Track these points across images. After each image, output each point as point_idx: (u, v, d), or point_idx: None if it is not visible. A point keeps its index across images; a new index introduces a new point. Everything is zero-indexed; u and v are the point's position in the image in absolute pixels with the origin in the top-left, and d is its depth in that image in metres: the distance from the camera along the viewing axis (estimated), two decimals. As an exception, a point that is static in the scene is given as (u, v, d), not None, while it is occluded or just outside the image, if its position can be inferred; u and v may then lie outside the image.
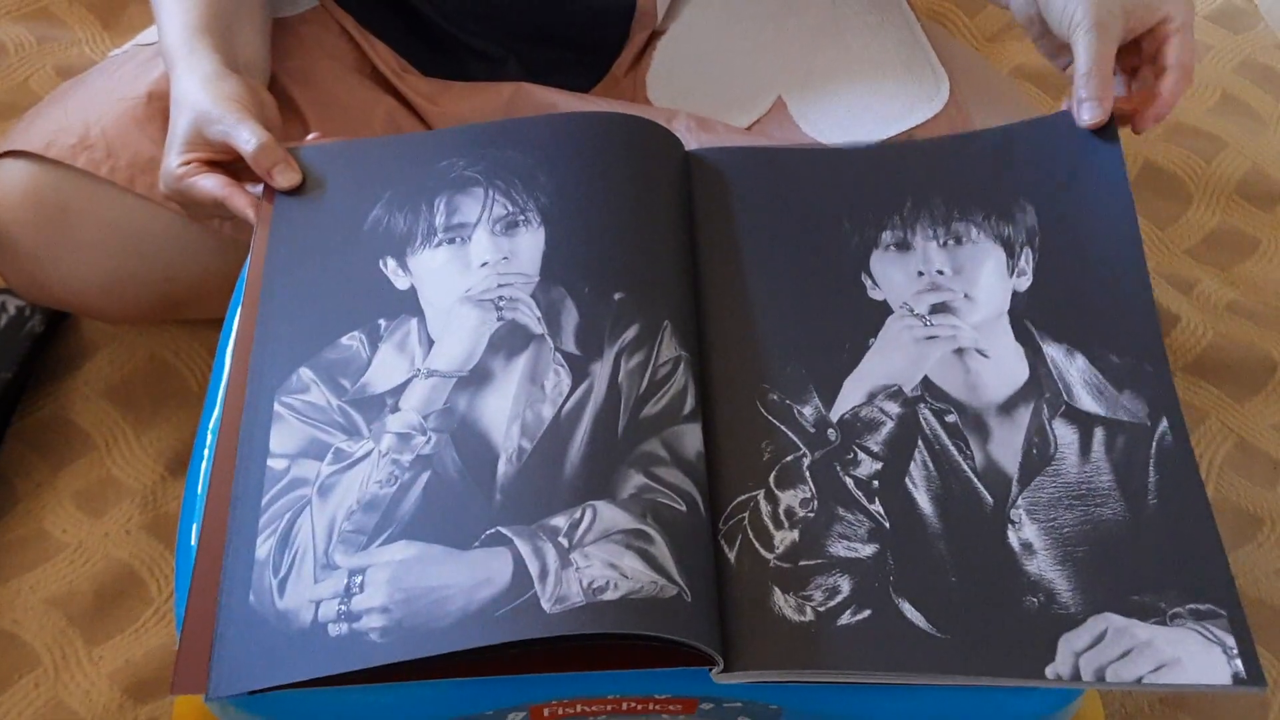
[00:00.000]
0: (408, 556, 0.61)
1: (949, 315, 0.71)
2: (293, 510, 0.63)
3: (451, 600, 0.59)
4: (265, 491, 0.64)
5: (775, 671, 0.59)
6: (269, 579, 0.61)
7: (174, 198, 0.80)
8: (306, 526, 0.63)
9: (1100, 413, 0.67)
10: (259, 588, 0.61)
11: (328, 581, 0.61)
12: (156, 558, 0.93)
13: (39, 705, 0.86)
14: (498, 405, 0.65)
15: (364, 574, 0.61)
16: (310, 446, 0.65)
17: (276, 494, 0.64)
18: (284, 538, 0.63)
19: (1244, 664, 0.60)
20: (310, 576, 0.61)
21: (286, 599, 0.61)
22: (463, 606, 0.58)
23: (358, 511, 0.63)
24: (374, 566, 0.61)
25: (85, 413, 1.00)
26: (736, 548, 0.63)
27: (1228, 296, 1.13)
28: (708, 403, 0.67)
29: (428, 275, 0.71)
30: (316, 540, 0.62)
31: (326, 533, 0.62)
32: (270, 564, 0.62)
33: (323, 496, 0.63)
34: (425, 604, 0.59)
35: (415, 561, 0.61)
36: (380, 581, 0.60)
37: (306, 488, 0.64)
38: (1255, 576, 0.96)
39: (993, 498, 0.64)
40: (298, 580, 0.61)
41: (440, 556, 0.61)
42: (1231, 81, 1.31)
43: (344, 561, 0.61)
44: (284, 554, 0.62)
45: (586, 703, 0.63)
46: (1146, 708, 0.89)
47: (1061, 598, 0.61)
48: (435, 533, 0.61)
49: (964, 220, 0.74)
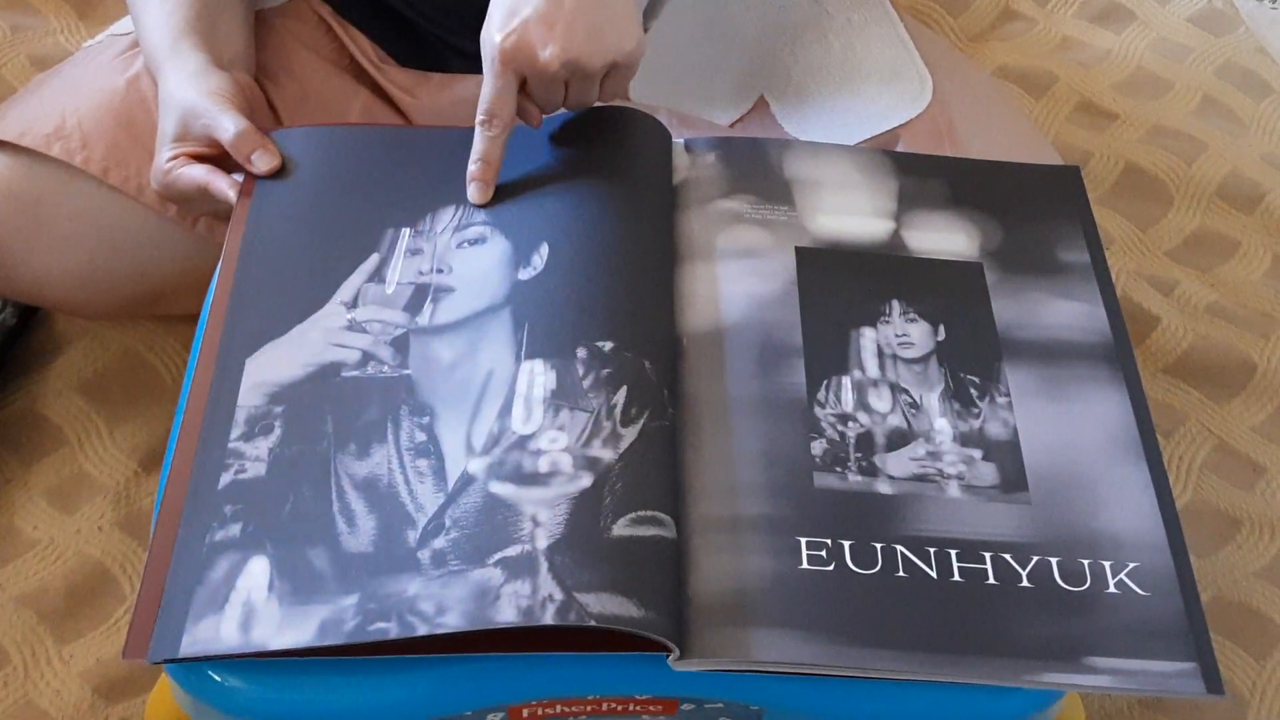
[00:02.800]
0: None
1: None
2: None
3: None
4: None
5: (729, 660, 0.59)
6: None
7: (163, 193, 0.81)
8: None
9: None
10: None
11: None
12: (129, 555, 0.92)
13: (8, 705, 0.85)
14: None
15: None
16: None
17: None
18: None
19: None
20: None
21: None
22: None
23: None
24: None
25: (57, 407, 0.99)
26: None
27: (1208, 298, 1.13)
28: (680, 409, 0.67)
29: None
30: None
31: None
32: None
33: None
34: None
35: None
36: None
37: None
38: (1234, 578, 0.96)
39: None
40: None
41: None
42: (1212, 84, 1.31)
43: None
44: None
45: (566, 703, 0.62)
46: (1125, 709, 0.89)
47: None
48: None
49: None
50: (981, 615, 0.61)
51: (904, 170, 0.80)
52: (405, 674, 0.60)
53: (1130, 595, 0.62)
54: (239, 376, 0.67)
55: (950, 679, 0.60)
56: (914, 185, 0.79)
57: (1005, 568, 0.63)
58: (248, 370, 0.67)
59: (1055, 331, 0.72)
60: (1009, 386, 0.69)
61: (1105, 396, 0.70)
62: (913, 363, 0.70)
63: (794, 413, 0.67)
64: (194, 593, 0.59)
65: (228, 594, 0.59)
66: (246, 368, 0.67)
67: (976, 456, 0.67)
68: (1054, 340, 0.72)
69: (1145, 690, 0.60)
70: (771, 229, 0.76)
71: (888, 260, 0.75)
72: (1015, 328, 0.72)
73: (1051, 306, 0.73)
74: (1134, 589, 0.63)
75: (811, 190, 0.78)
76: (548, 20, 0.71)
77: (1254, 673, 0.91)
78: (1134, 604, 0.62)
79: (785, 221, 0.76)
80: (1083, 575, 0.63)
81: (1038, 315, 0.73)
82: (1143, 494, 0.66)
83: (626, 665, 0.60)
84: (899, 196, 0.78)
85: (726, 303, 0.72)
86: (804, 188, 0.78)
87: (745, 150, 0.80)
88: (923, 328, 0.72)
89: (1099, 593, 0.62)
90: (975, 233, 0.77)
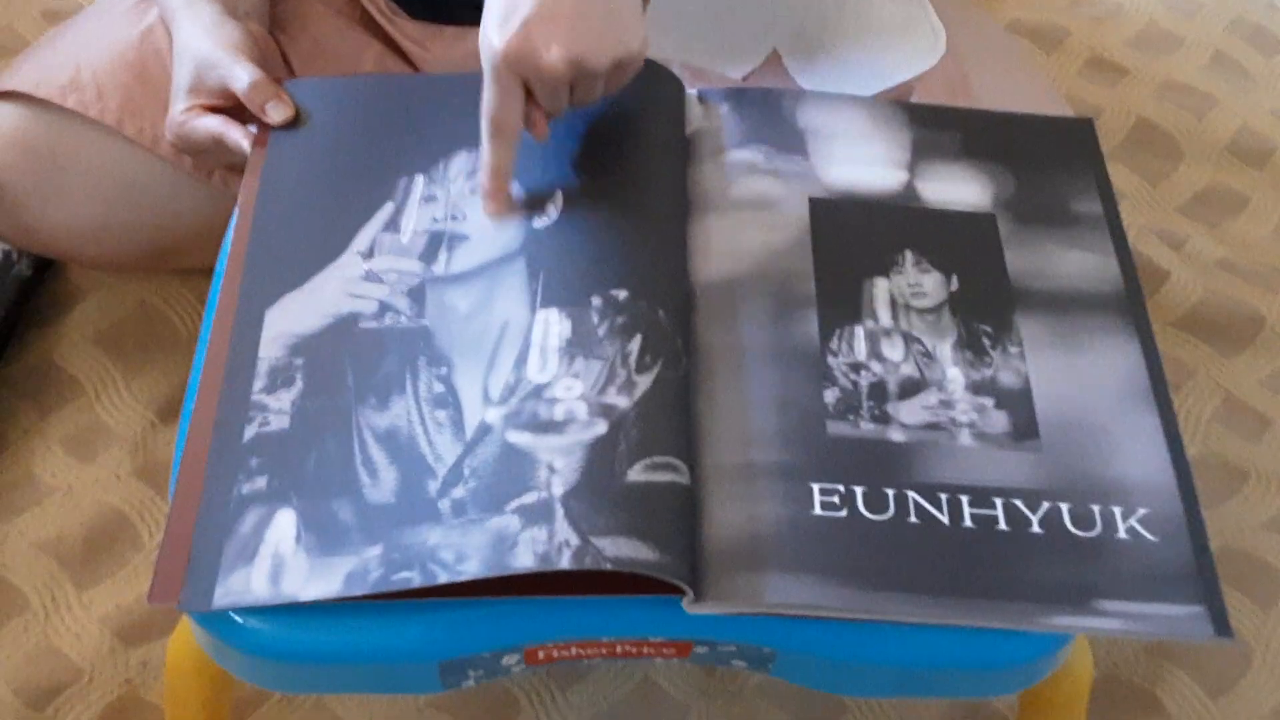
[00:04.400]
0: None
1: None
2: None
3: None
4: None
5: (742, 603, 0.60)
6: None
7: (177, 144, 0.81)
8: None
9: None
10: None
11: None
12: (147, 503, 0.93)
13: (29, 648, 0.86)
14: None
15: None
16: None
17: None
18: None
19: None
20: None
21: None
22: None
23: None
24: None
25: (74, 359, 1.00)
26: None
27: (1217, 253, 1.13)
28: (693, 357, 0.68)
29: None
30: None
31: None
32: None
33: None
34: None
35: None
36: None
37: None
38: (1240, 529, 0.97)
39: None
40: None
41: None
42: (1223, 40, 1.31)
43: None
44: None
45: (581, 645, 0.63)
46: (1133, 656, 0.90)
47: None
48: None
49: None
50: (992, 560, 0.62)
51: (917, 121, 0.80)
52: (424, 616, 0.61)
53: (1140, 540, 0.63)
54: (259, 328, 0.67)
55: (961, 622, 0.61)
56: (927, 136, 0.79)
57: (1016, 514, 0.63)
58: (267, 321, 0.68)
59: (1068, 282, 0.73)
60: (1021, 336, 0.70)
61: (1117, 346, 0.70)
62: (925, 312, 0.71)
63: (807, 361, 0.68)
64: (224, 545, 0.60)
65: (257, 546, 0.60)
66: (266, 319, 0.68)
67: (989, 405, 0.67)
68: (1066, 291, 0.72)
69: (1154, 633, 0.61)
70: (784, 179, 0.76)
71: (901, 211, 0.75)
72: (1028, 278, 0.72)
73: (1064, 257, 0.74)
74: (1144, 534, 0.63)
75: (825, 141, 0.78)
76: (550, 18, 0.67)
77: (1259, 621, 0.92)
78: (1143, 549, 0.63)
79: (798, 172, 0.76)
80: (1093, 520, 0.64)
81: (1050, 266, 0.73)
82: (1153, 441, 0.67)
83: (641, 608, 0.61)
84: (912, 147, 0.78)
85: (740, 253, 0.72)
86: (817, 138, 0.78)
87: (758, 101, 0.80)
88: (935, 278, 0.72)
89: (1109, 538, 0.63)
90: (988, 184, 0.77)
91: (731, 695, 0.87)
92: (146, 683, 0.85)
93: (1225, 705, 0.89)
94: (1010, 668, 0.64)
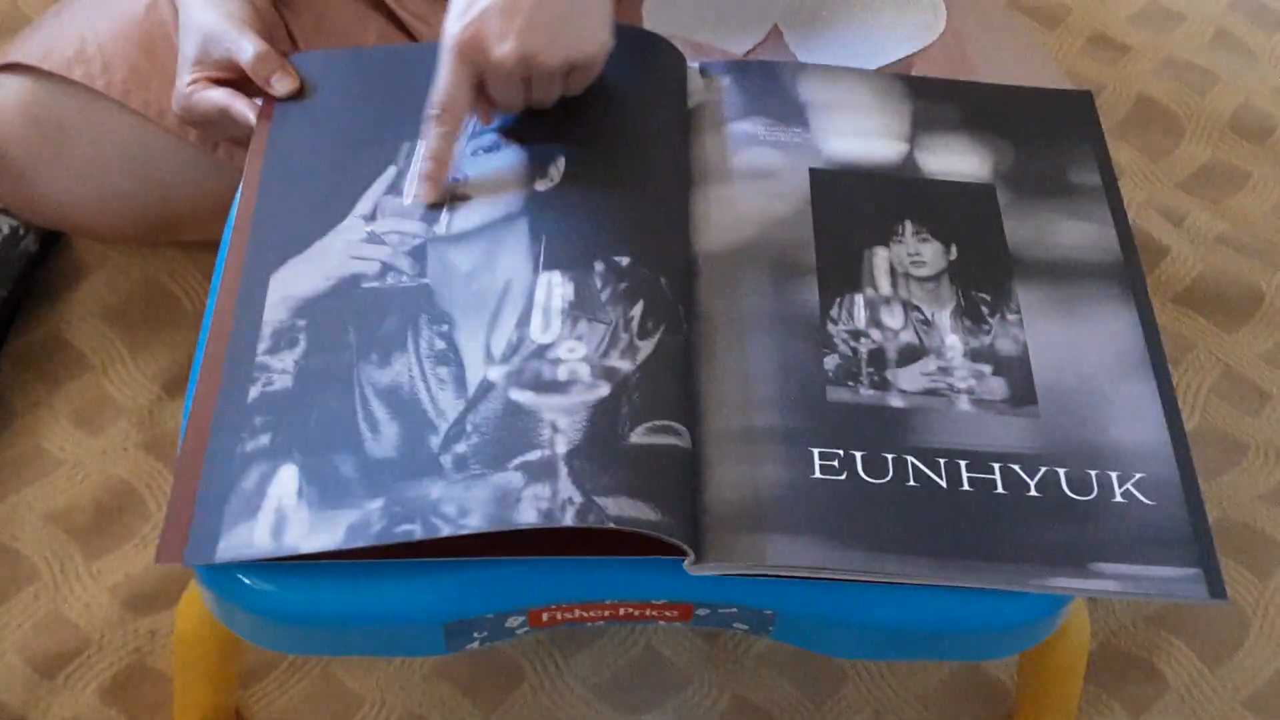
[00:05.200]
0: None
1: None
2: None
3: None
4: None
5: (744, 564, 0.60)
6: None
7: (183, 116, 0.81)
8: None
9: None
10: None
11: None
12: (154, 475, 0.94)
13: (39, 618, 0.87)
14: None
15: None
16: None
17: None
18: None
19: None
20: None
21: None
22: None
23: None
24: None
25: (80, 333, 1.00)
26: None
27: (1218, 228, 1.13)
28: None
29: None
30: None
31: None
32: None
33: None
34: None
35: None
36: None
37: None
38: (1239, 501, 0.97)
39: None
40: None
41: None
42: (1225, 16, 1.31)
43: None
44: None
45: (584, 608, 0.64)
46: (1130, 625, 0.91)
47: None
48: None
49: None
50: (990, 523, 0.63)
51: (917, 94, 0.80)
52: (428, 577, 0.62)
53: (1136, 504, 0.64)
54: (264, 292, 0.68)
55: (959, 584, 0.61)
56: (927, 108, 0.79)
57: (1014, 478, 0.64)
58: (272, 285, 0.68)
59: (1066, 251, 0.73)
60: (1020, 304, 0.71)
61: (1114, 314, 0.71)
62: (925, 281, 0.71)
63: (807, 329, 0.69)
64: (227, 501, 0.61)
65: (260, 501, 0.61)
66: (270, 283, 0.68)
67: (986, 371, 0.68)
68: (1065, 260, 0.73)
69: (1150, 595, 0.62)
70: (785, 150, 0.76)
71: (900, 182, 0.76)
72: (1026, 247, 0.73)
73: (1063, 226, 0.74)
74: (1140, 498, 0.64)
75: (825, 113, 0.79)
76: (508, 12, 0.67)
77: (1257, 591, 0.93)
78: (1140, 512, 0.64)
79: (799, 143, 0.77)
80: (1089, 485, 0.64)
81: (1049, 235, 0.74)
82: (1150, 408, 0.67)
83: (643, 570, 0.62)
84: (912, 119, 0.79)
85: (741, 222, 0.73)
86: (818, 110, 0.79)
87: (759, 74, 0.81)
88: (935, 247, 0.73)
89: (1105, 501, 0.64)
90: (988, 155, 0.77)
91: (733, 664, 0.88)
92: (155, 651, 0.86)
93: (1223, 674, 0.90)
94: (1009, 630, 0.65)
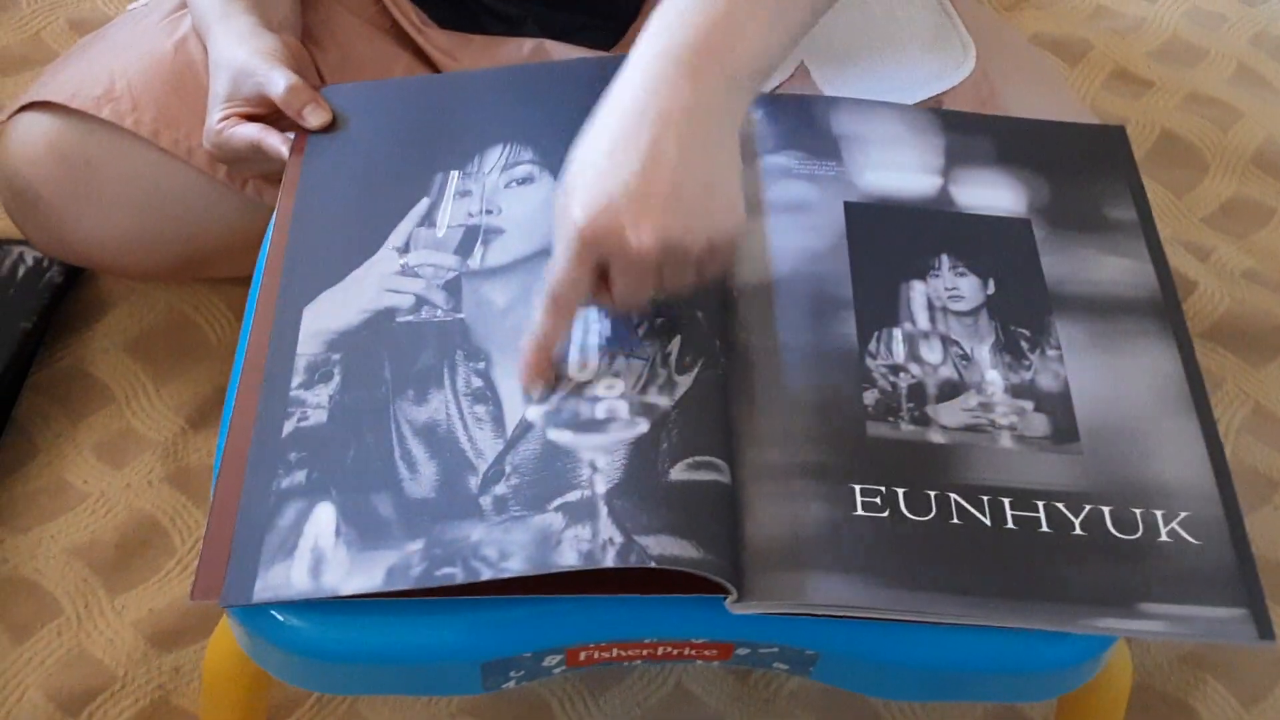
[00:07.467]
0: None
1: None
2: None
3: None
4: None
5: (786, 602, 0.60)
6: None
7: (215, 153, 0.81)
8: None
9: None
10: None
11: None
12: (179, 509, 0.93)
13: (61, 654, 0.87)
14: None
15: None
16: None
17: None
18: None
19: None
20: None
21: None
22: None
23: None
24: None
25: (104, 365, 1.00)
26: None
27: (1244, 264, 1.13)
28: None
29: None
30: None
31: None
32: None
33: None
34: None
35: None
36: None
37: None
38: (1273, 539, 0.96)
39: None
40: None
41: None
42: (1247, 53, 1.31)
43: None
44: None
45: (623, 646, 0.63)
46: (1166, 666, 0.90)
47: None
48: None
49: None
50: (1035, 562, 0.62)
51: (950, 128, 0.80)
52: (466, 616, 0.61)
53: (1182, 543, 0.63)
54: (297, 325, 0.68)
55: (1005, 624, 0.60)
56: (961, 142, 0.79)
57: (1058, 516, 0.63)
58: (306, 318, 0.68)
59: (1104, 287, 0.73)
60: (1059, 340, 0.70)
61: (1155, 350, 0.70)
62: (963, 315, 0.71)
63: (846, 363, 0.68)
64: (264, 539, 0.60)
65: (296, 540, 0.60)
66: (304, 316, 0.68)
67: (1028, 408, 0.67)
68: (1103, 295, 0.72)
69: (1198, 636, 0.61)
70: (820, 184, 0.76)
71: (936, 216, 0.75)
72: (1064, 283, 0.73)
73: (1100, 262, 0.74)
74: (1186, 537, 0.63)
75: (859, 146, 0.78)
76: (643, 195, 0.61)
77: (1293, 631, 0.92)
78: (1186, 552, 0.63)
79: (833, 177, 0.76)
80: (1135, 524, 0.63)
81: (1086, 271, 0.73)
82: (1193, 445, 0.67)
83: (683, 608, 0.61)
84: (946, 153, 0.78)
85: (776, 256, 0.73)
86: (851, 144, 0.78)
87: (791, 108, 0.81)
88: (972, 281, 0.72)
89: (1151, 541, 0.63)
90: (1022, 190, 0.77)
91: (765, 702, 0.87)
92: (179, 688, 0.85)
93: (1259, 713, 0.89)
94: (1053, 671, 0.64)
